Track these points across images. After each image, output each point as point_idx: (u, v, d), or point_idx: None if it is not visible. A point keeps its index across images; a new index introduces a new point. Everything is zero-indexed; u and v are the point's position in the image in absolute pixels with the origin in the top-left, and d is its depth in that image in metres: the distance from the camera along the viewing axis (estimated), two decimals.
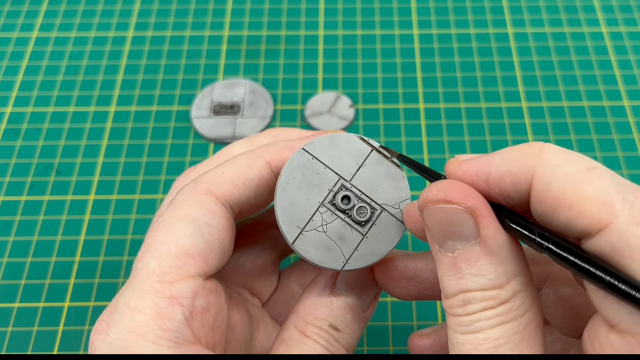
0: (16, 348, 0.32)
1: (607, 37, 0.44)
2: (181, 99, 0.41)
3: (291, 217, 0.19)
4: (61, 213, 0.36)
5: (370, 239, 0.19)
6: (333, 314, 0.20)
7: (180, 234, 0.19)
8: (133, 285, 0.18)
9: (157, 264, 0.18)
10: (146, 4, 0.47)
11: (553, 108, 0.41)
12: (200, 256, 0.19)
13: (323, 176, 0.20)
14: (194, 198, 0.20)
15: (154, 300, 0.18)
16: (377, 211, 0.19)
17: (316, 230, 0.19)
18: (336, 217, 0.19)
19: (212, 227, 0.19)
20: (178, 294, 0.18)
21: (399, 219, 0.19)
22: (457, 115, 0.40)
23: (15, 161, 0.39)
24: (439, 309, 0.33)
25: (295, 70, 0.43)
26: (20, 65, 0.43)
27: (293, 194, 0.19)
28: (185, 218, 0.19)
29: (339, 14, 0.46)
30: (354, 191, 0.20)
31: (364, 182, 0.20)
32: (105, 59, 0.44)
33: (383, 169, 0.20)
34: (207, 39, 0.45)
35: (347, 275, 0.21)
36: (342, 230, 0.19)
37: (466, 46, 0.44)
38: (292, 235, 0.19)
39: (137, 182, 0.37)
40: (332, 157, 0.20)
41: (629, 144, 0.39)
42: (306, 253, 0.19)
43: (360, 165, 0.20)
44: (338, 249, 0.19)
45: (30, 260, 0.35)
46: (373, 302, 0.21)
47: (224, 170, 0.21)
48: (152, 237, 0.19)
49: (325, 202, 0.19)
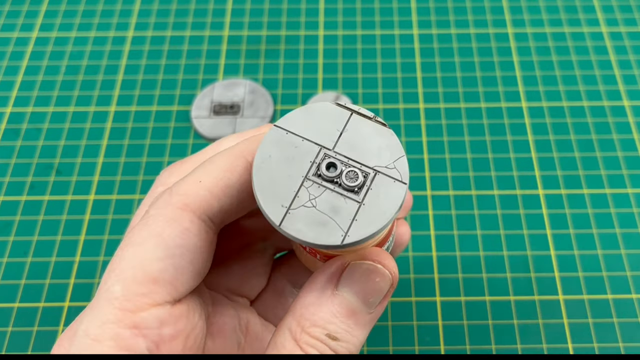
0: (16, 348, 0.32)
1: (607, 37, 0.44)
2: (181, 99, 0.41)
3: (274, 197, 0.17)
4: (61, 213, 0.36)
5: (369, 205, 0.17)
6: (333, 321, 0.18)
7: (149, 257, 0.17)
8: (94, 310, 0.17)
9: (121, 288, 0.17)
10: (146, 4, 0.47)
11: (553, 108, 0.41)
12: (169, 283, 0.17)
13: (302, 149, 0.18)
14: (167, 214, 0.18)
15: (115, 331, 0.16)
16: (371, 175, 0.17)
17: (304, 206, 0.17)
18: (325, 189, 0.17)
19: (184, 249, 0.18)
20: (141, 323, 0.17)
21: (397, 178, 0.17)
22: (457, 115, 0.40)
23: (15, 161, 0.39)
24: (439, 309, 0.33)
25: (295, 70, 0.43)
26: (20, 65, 0.43)
27: (271, 173, 0.17)
28: (155, 238, 0.18)
29: (339, 14, 0.46)
30: (340, 159, 0.17)
31: (349, 147, 0.18)
32: (105, 59, 0.44)
33: (368, 130, 0.18)
34: (207, 39, 0.45)
35: (354, 274, 0.18)
36: (334, 201, 0.17)
37: (466, 46, 0.44)
38: (277, 216, 0.17)
39: (137, 182, 0.37)
40: (308, 128, 0.18)
41: (629, 144, 0.39)
42: (298, 232, 0.16)
43: (341, 130, 0.18)
44: (334, 222, 0.17)
45: (30, 260, 0.35)
46: (383, 300, 0.19)
47: (201, 178, 0.19)
48: (120, 257, 0.18)
49: (309, 176, 0.17)
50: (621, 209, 0.36)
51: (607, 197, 0.37)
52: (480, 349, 0.32)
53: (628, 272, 0.34)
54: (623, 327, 0.32)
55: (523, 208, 0.36)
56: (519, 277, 0.34)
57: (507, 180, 0.37)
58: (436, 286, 0.33)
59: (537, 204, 0.36)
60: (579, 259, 0.34)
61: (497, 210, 0.36)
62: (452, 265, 0.34)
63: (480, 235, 0.35)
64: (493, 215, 0.36)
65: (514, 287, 0.33)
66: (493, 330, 0.32)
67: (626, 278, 0.34)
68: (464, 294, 0.33)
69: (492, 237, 0.35)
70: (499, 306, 0.33)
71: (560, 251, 0.35)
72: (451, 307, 0.33)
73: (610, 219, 0.36)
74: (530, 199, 0.37)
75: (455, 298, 0.33)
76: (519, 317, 0.32)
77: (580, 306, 0.33)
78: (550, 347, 0.32)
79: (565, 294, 0.33)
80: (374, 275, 0.18)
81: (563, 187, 0.37)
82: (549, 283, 0.34)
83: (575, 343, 0.32)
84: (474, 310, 0.33)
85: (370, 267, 0.18)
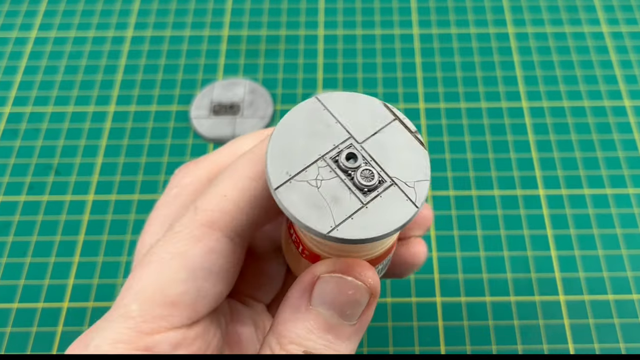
0: (15, 349, 0.32)
1: (608, 36, 0.44)
2: (180, 98, 0.41)
3: (282, 162, 0.16)
4: (60, 213, 0.36)
5: (371, 211, 0.16)
6: (309, 337, 0.17)
7: (170, 278, 0.17)
8: (109, 326, 0.17)
9: (138, 308, 0.16)
10: (145, 4, 0.46)
11: (553, 108, 0.40)
12: (189, 306, 0.17)
13: (332, 130, 0.17)
14: (192, 232, 0.17)
15: (126, 350, 0.16)
16: (386, 183, 0.16)
17: (308, 182, 0.16)
18: (335, 176, 0.16)
19: (208, 271, 0.17)
20: (154, 347, 0.16)
21: (411, 198, 0.16)
22: (457, 115, 0.40)
23: (14, 161, 0.38)
24: (440, 309, 0.33)
25: (295, 70, 0.43)
26: (19, 65, 0.43)
27: (291, 139, 0.16)
28: (178, 258, 0.17)
29: (338, 13, 0.46)
30: (364, 154, 0.17)
31: (378, 149, 0.17)
32: (105, 58, 0.43)
33: (403, 141, 0.17)
34: (207, 39, 0.44)
35: (324, 288, 0.17)
36: (339, 191, 0.16)
37: (466, 46, 0.44)
38: (277, 180, 0.16)
39: (136, 183, 0.37)
40: (346, 113, 0.17)
41: (629, 144, 0.39)
42: (290, 203, 0.15)
43: (377, 130, 0.17)
44: (328, 210, 0.16)
45: (29, 261, 0.35)
46: (366, 310, 0.18)
47: (226, 192, 0.18)
48: (140, 274, 0.17)
49: (326, 157, 0.16)
50: (622, 209, 0.36)
51: (607, 197, 0.36)
52: (481, 349, 0.31)
53: (629, 272, 0.34)
54: (624, 327, 0.32)
55: (523, 208, 0.36)
56: (520, 278, 0.34)
57: (507, 181, 0.37)
58: (436, 287, 0.33)
59: (538, 204, 0.36)
60: (579, 259, 0.34)
61: (498, 210, 0.36)
62: (452, 265, 0.34)
63: (480, 235, 0.35)
64: (493, 215, 0.36)
65: (515, 288, 0.33)
66: (493, 331, 0.32)
67: (627, 279, 0.34)
68: (464, 294, 0.33)
69: (493, 237, 0.35)
70: (500, 307, 0.33)
71: (560, 252, 0.35)
72: (451, 308, 0.33)
73: (611, 220, 0.36)
74: (530, 199, 0.36)
75: (456, 299, 0.33)
76: (519, 317, 0.32)
77: (581, 307, 0.33)
78: (551, 348, 0.31)
79: (565, 295, 0.33)
80: (345, 288, 0.17)
81: (564, 187, 0.37)
82: (549, 283, 0.33)
83: (576, 344, 0.32)
84: (475, 310, 0.33)
85: (341, 281, 0.17)
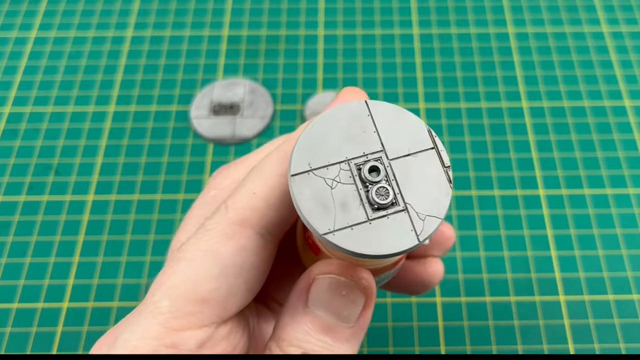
0: (15, 349, 0.32)
1: (608, 36, 0.44)
2: (180, 98, 0.41)
3: (309, 152, 0.16)
4: (60, 213, 0.36)
5: (373, 228, 0.16)
6: (308, 339, 0.17)
7: (202, 275, 0.17)
8: (139, 318, 0.17)
9: (168, 304, 0.17)
10: (145, 4, 0.46)
11: (553, 108, 0.40)
12: (220, 303, 0.17)
13: (367, 137, 0.17)
14: (224, 229, 0.17)
15: (154, 347, 0.16)
16: (398, 207, 0.16)
17: (325, 180, 0.16)
18: (353, 183, 0.16)
19: (239, 268, 0.17)
20: (181, 344, 0.16)
21: (417, 230, 0.16)
22: (457, 115, 0.40)
23: (14, 161, 0.38)
24: (440, 310, 0.33)
25: (294, 70, 0.43)
26: (19, 65, 0.43)
27: (326, 134, 0.17)
28: (210, 255, 0.17)
29: (338, 13, 0.46)
30: (388, 172, 0.17)
31: (404, 171, 0.17)
32: (104, 58, 0.43)
33: (431, 172, 0.17)
34: (207, 39, 0.44)
35: (320, 290, 0.18)
36: (350, 198, 0.16)
37: (466, 46, 0.44)
38: (297, 167, 0.16)
39: (136, 183, 0.37)
40: (388, 126, 0.17)
41: (629, 144, 0.39)
42: (299, 194, 0.16)
43: (410, 152, 0.17)
44: (333, 213, 0.16)
45: (29, 261, 0.35)
46: (364, 312, 0.18)
47: (255, 189, 0.18)
48: (171, 271, 0.17)
49: (352, 162, 0.17)
50: (622, 210, 0.36)
51: (607, 197, 0.36)
52: (481, 349, 0.31)
53: (629, 272, 0.34)
54: (624, 327, 0.32)
55: (524, 208, 0.36)
56: (520, 278, 0.34)
57: (507, 181, 0.37)
58: (436, 287, 0.33)
59: (538, 204, 0.36)
60: (579, 259, 0.34)
61: (498, 210, 0.36)
62: (453, 265, 0.34)
63: (480, 235, 0.35)
64: (493, 215, 0.36)
65: (515, 288, 0.33)
66: (493, 331, 0.32)
67: (627, 279, 0.34)
68: (464, 294, 0.33)
69: (493, 237, 0.35)
70: (500, 307, 0.33)
71: (560, 252, 0.35)
72: (451, 308, 0.33)
73: (611, 220, 0.36)
74: (530, 199, 0.36)
75: (456, 299, 0.33)
76: (519, 317, 0.32)
77: (581, 307, 0.33)
78: (551, 348, 0.31)
79: (566, 295, 0.33)
80: (340, 288, 0.17)
81: (564, 187, 0.37)
82: (549, 284, 0.33)
83: (576, 344, 0.31)
84: (475, 310, 0.33)
85: (334, 281, 0.17)
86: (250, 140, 0.39)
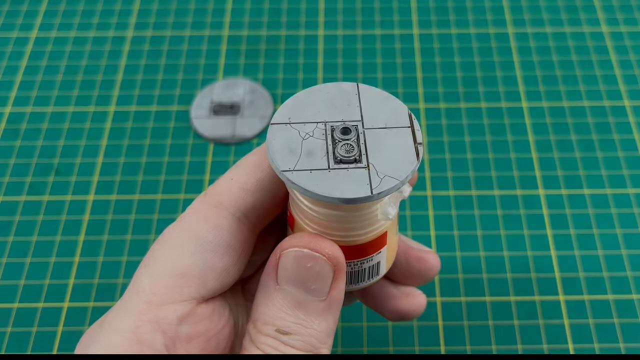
0: (15, 349, 0.32)
1: (608, 36, 0.44)
2: (181, 98, 0.41)
3: (292, 110, 0.19)
4: (60, 213, 0.36)
5: (330, 176, 0.17)
6: (280, 315, 0.17)
7: (180, 252, 0.18)
8: (123, 301, 0.18)
9: (149, 282, 0.17)
10: (145, 4, 0.46)
11: (553, 108, 0.40)
12: (198, 278, 0.18)
13: (349, 109, 0.19)
14: (201, 212, 0.18)
15: (135, 323, 0.17)
16: (360, 164, 0.17)
17: (299, 132, 0.18)
18: (324, 139, 0.18)
19: (215, 244, 0.18)
20: (162, 318, 0.17)
21: (372, 185, 0.17)
22: (457, 115, 0.40)
23: (15, 161, 0.38)
24: (440, 309, 0.33)
25: (295, 70, 0.43)
26: (19, 65, 0.43)
27: (313, 101, 0.19)
28: (188, 234, 0.18)
29: (338, 13, 0.46)
30: (360, 137, 0.18)
31: (376, 139, 0.18)
32: (105, 58, 0.43)
33: (401, 145, 0.18)
34: (207, 39, 0.44)
35: (286, 264, 0.18)
36: (317, 150, 0.18)
37: (466, 46, 0.44)
38: (278, 119, 0.19)
39: (137, 183, 0.37)
40: (371, 105, 0.19)
41: (629, 144, 0.39)
42: (272, 138, 0.18)
43: (386, 126, 0.18)
44: (297, 157, 0.17)
45: (29, 261, 0.35)
46: (334, 285, 0.18)
47: (233, 176, 0.19)
48: (152, 252, 0.18)
49: (329, 124, 0.18)
50: (622, 209, 0.36)
51: (607, 197, 0.37)
52: (481, 349, 0.31)
53: (629, 272, 0.34)
54: (624, 327, 0.32)
55: (523, 208, 0.36)
56: (520, 278, 0.34)
57: (507, 181, 0.37)
58: (436, 287, 0.33)
59: (538, 204, 0.36)
60: (579, 259, 0.34)
61: (498, 210, 0.36)
62: (453, 265, 0.34)
63: (480, 235, 0.35)
64: (493, 215, 0.36)
65: (515, 288, 0.33)
66: (493, 331, 0.32)
67: (627, 278, 0.34)
68: (464, 294, 0.33)
69: (493, 237, 0.35)
70: (500, 307, 0.33)
71: (560, 251, 0.35)
72: (451, 308, 0.33)
73: (611, 219, 0.36)
74: (530, 199, 0.36)
75: (456, 298, 0.33)
76: (519, 317, 0.32)
77: (581, 307, 0.33)
78: (551, 348, 0.31)
79: (565, 295, 0.33)
80: (304, 260, 0.17)
81: (564, 187, 0.37)
82: (549, 283, 0.33)
83: (576, 343, 0.32)
84: (475, 310, 0.33)
85: (298, 254, 0.17)
86: (250, 140, 0.39)
